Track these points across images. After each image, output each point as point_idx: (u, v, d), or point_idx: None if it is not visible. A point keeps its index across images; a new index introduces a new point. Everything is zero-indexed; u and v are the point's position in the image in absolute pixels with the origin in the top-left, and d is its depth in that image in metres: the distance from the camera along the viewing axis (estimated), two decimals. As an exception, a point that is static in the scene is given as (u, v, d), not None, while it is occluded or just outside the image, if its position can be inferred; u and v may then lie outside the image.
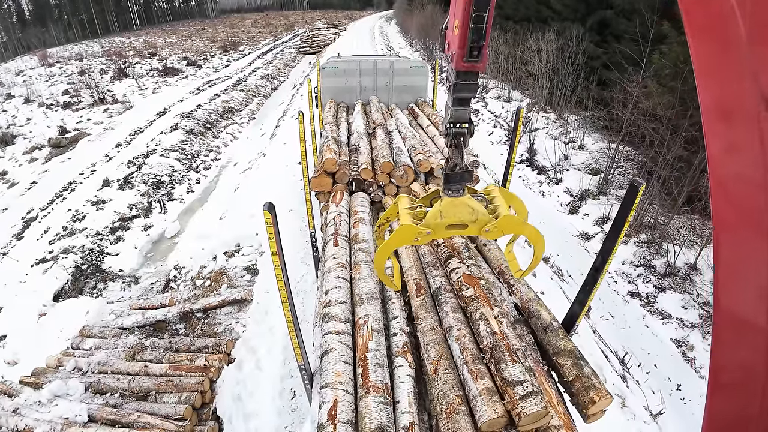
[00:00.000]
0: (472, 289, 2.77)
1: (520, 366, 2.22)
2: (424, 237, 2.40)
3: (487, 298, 2.71)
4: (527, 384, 2.12)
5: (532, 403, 2.06)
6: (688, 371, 6.21)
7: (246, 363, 5.56)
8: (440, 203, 2.37)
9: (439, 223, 2.37)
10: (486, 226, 2.40)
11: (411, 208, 2.56)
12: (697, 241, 7.98)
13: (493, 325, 2.49)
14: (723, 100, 0.85)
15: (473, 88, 2.14)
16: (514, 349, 2.32)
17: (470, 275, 2.92)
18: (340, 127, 5.75)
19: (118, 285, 7.57)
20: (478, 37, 1.89)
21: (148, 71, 25.44)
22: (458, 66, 2.04)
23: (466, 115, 2.25)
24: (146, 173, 11.42)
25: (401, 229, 2.38)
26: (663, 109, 8.17)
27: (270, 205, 1.99)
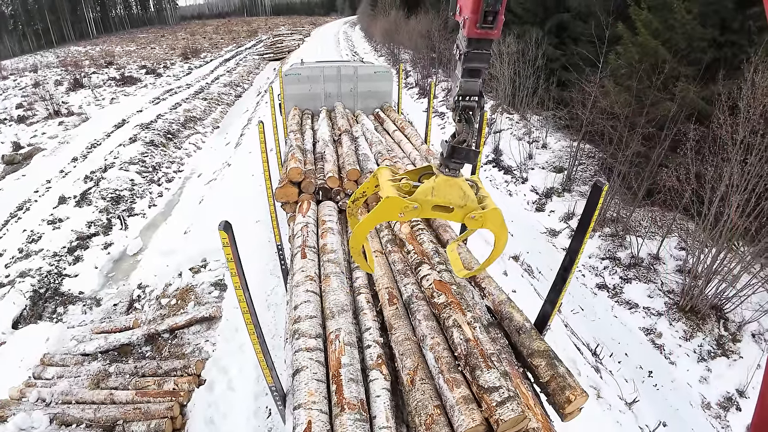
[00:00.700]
0: (444, 296, 2.73)
1: (495, 372, 2.19)
2: (410, 212, 2.19)
3: (459, 303, 2.68)
4: (503, 390, 2.10)
5: (509, 408, 2.03)
6: (658, 357, 6.43)
7: (217, 384, 5.34)
8: (435, 179, 2.20)
9: (428, 200, 2.20)
10: (472, 213, 2.25)
11: (394, 180, 2.36)
12: (658, 232, 8.31)
13: (466, 331, 2.46)
14: None
15: (486, 58, 1.97)
16: (488, 355, 2.30)
17: (441, 281, 2.89)
18: (305, 135, 5.63)
19: (78, 308, 7.16)
20: (494, 1, 1.75)
21: (105, 81, 24.39)
22: (470, 33, 1.86)
23: (477, 88, 2.07)
24: (105, 188, 10.88)
25: (386, 201, 2.17)
26: (620, 108, 8.49)
27: (226, 224, 1.87)
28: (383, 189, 2.28)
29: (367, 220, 2.28)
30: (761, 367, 5.89)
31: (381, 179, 2.39)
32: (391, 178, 2.38)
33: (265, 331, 5.90)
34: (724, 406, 5.71)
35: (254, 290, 6.82)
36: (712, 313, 6.72)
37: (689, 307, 6.79)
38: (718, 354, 6.30)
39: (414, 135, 5.59)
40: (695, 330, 6.62)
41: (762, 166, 5.76)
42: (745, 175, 5.88)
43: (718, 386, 5.93)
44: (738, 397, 5.78)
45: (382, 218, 2.28)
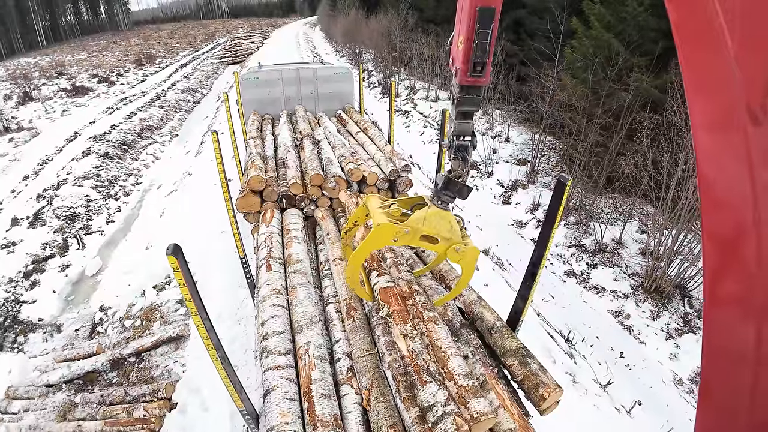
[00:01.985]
0: (387, 306, 2.61)
1: (432, 386, 2.12)
2: (403, 237, 2.29)
3: (404, 313, 2.56)
4: (437, 408, 2.03)
5: (442, 430, 1.96)
6: (628, 338, 6.65)
7: (190, 406, 5.13)
8: (428, 209, 2.32)
9: (419, 228, 2.30)
10: (456, 245, 2.38)
11: (383, 207, 2.44)
12: (619, 217, 8.61)
13: (401, 347, 2.38)
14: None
15: (476, 102, 2.18)
16: (424, 368, 2.22)
17: (387, 289, 2.73)
18: (266, 141, 5.45)
19: (39, 336, 6.76)
20: (482, 53, 1.95)
21: (55, 92, 23.08)
22: (462, 81, 2.08)
23: (470, 129, 2.27)
24: (58, 206, 10.29)
25: (379, 229, 2.24)
26: (578, 100, 8.73)
27: (174, 247, 1.73)
28: (375, 217, 2.35)
29: (361, 249, 2.34)
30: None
31: (371, 207, 2.45)
32: (381, 205, 2.46)
33: (237, 345, 5.74)
34: (695, 381, 5.95)
35: (223, 303, 6.62)
36: (676, 291, 7.01)
37: (654, 287, 7.06)
38: (685, 331, 6.57)
39: (377, 136, 5.52)
40: (661, 309, 6.88)
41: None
42: (699, 159, 6.12)
43: (688, 362, 6.18)
44: (707, 372, 6.03)
45: (376, 245, 2.35)
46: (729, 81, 0.75)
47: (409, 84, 18.80)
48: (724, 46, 0.74)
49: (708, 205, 0.87)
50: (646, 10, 8.01)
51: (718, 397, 0.91)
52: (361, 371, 2.48)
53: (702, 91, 0.84)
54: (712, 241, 0.89)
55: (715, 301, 0.89)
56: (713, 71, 0.79)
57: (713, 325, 0.90)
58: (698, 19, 0.80)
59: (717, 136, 0.83)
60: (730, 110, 0.77)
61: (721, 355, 0.89)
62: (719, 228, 0.86)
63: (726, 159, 0.80)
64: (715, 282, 0.89)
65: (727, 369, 0.88)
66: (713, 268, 0.88)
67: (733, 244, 0.84)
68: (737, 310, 0.84)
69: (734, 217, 0.81)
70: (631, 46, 8.23)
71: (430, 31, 17.73)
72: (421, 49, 17.90)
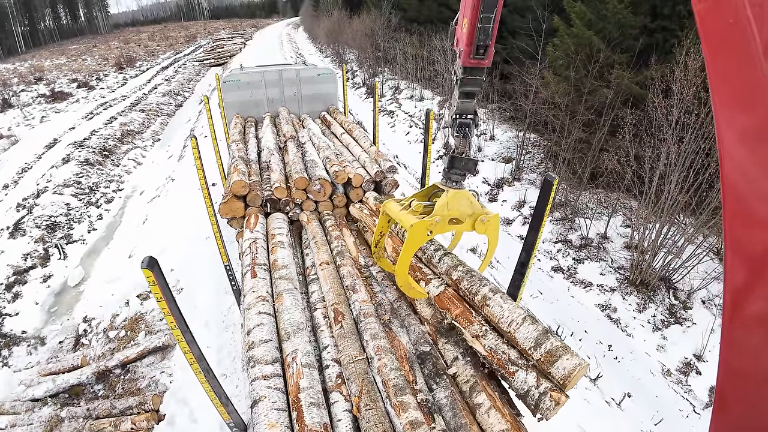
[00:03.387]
0: (448, 313, 2.74)
1: (520, 373, 2.24)
2: (435, 228, 2.37)
3: (467, 313, 2.65)
4: (533, 392, 2.16)
5: (544, 409, 2.11)
6: (615, 331, 6.72)
7: (178, 417, 5.02)
8: (447, 195, 2.38)
9: (446, 214, 2.38)
10: (481, 217, 2.47)
11: (404, 208, 2.51)
12: (604, 212, 8.71)
13: (479, 349, 2.47)
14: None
15: (479, 83, 2.26)
16: (507, 360, 2.34)
17: (440, 295, 2.84)
18: (249, 144, 5.36)
19: (23, 349, 6.59)
20: (485, 37, 2.02)
21: (34, 98, 22.49)
22: (465, 62, 2.14)
23: (472, 107, 2.37)
24: (39, 215, 10.04)
25: (413, 229, 2.31)
26: (560, 97, 8.81)
27: (150, 260, 1.67)
28: (402, 220, 2.42)
29: (403, 255, 2.39)
30: (715, 331, 6.27)
31: (393, 213, 2.54)
32: (402, 207, 2.52)
33: (225, 354, 5.64)
34: (683, 371, 6.03)
35: (210, 311, 6.51)
36: (661, 284, 7.11)
37: (639, 280, 7.15)
38: (672, 322, 6.66)
39: (362, 137, 5.48)
40: (647, 301, 6.97)
41: (697, 143, 6.11)
42: (681, 153, 6.22)
43: (675, 353, 6.27)
44: (696, 362, 6.12)
45: (416, 245, 2.41)
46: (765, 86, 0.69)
47: (393, 84, 18.78)
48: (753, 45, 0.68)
49: (735, 219, 0.80)
50: (626, 8, 8.12)
51: (735, 415, 0.87)
52: (351, 377, 2.44)
53: (734, 98, 0.77)
54: (738, 257, 0.82)
55: (737, 320, 0.83)
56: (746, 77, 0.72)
57: (734, 345, 0.85)
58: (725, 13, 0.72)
59: (751, 147, 0.76)
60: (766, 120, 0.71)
61: (741, 375, 0.84)
62: (747, 243, 0.80)
63: (760, 172, 0.74)
64: (739, 300, 0.82)
65: (747, 389, 0.84)
66: (737, 285, 0.82)
67: (763, 262, 0.77)
68: (763, 331, 0.79)
69: (766, 233, 0.75)
70: (612, 43, 8.33)
71: (414, 30, 17.73)
72: (404, 49, 17.90)
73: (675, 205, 6.49)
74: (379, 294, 3.17)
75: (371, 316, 2.77)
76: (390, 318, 2.93)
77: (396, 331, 2.83)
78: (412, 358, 2.67)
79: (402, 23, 19.95)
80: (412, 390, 2.40)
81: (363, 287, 3.06)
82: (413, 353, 2.71)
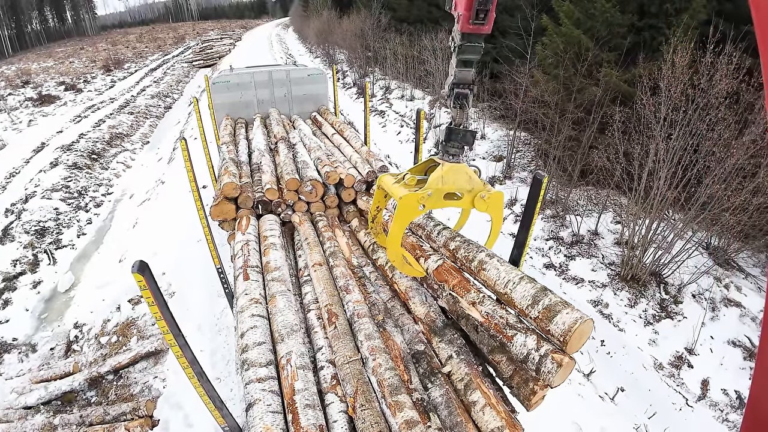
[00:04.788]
0: (446, 285, 2.69)
1: (518, 336, 2.20)
2: (428, 202, 2.26)
3: (464, 282, 2.63)
4: (533, 355, 2.11)
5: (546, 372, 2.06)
6: (608, 327, 6.78)
7: (173, 422, 4.99)
8: (442, 168, 2.28)
9: (440, 188, 2.27)
10: (481, 192, 2.36)
11: (398, 181, 2.42)
12: (594, 209, 8.79)
13: (475, 316, 2.45)
14: None
15: (478, 50, 2.13)
16: (504, 324, 2.31)
17: (438, 268, 2.78)
18: (239, 146, 5.33)
19: (14, 356, 6.52)
20: (485, 0, 1.88)
21: (21, 102, 22.17)
22: (464, 28, 2.00)
23: (470, 77, 2.22)
24: (27, 221, 9.93)
25: (402, 202, 2.22)
26: (550, 96, 8.87)
27: (141, 264, 1.65)
28: (394, 192, 2.33)
29: (393, 228, 2.31)
30: (705, 325, 6.36)
31: (387, 186, 2.45)
32: (395, 180, 2.43)
33: (218, 357, 5.61)
34: (675, 365, 6.11)
35: (203, 314, 6.46)
36: (652, 279, 7.19)
37: (630, 276, 7.22)
38: (663, 317, 6.74)
39: (354, 137, 5.47)
40: (638, 297, 7.05)
41: (686, 139, 6.19)
42: (670, 149, 6.30)
43: (667, 347, 6.35)
44: (688, 355, 6.21)
45: (406, 218, 2.33)
46: None
47: (384, 84, 18.78)
48: None
49: None
50: (614, 6, 8.20)
51: None
52: (346, 378, 2.44)
53: None
54: None
55: None
56: None
57: None
58: None
59: None
60: None
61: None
62: None
63: None
64: None
65: None
66: None
67: None
68: None
69: None
70: (600, 41, 8.40)
71: (404, 30, 17.75)
72: (395, 49, 17.90)
73: (664, 201, 6.56)
74: (373, 294, 3.17)
75: (365, 316, 2.76)
76: (384, 318, 2.94)
77: (390, 330, 2.84)
78: (406, 357, 2.67)
79: (392, 23, 19.96)
80: (407, 389, 2.40)
81: (356, 288, 3.05)
82: (408, 353, 2.71)
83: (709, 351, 6.19)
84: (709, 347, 6.23)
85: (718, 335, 6.36)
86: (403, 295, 3.14)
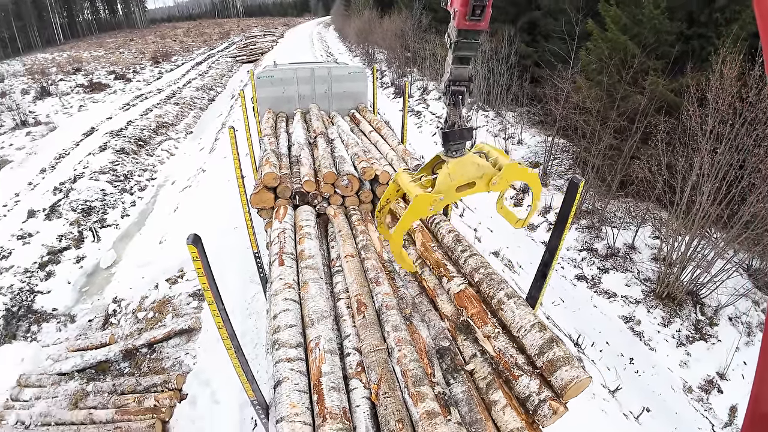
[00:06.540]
0: (465, 311, 2.80)
1: (524, 378, 2.28)
2: (438, 204, 2.28)
3: (482, 313, 2.71)
4: (533, 398, 2.19)
5: (542, 415, 2.14)
6: (638, 344, 6.58)
7: (200, 397, 5.20)
8: (447, 166, 2.28)
9: (450, 185, 2.28)
10: (492, 179, 2.33)
11: (414, 180, 2.44)
12: (632, 222, 8.52)
13: (488, 349, 2.55)
14: None
15: (474, 47, 2.08)
16: (513, 363, 2.37)
17: (459, 293, 2.91)
18: (280, 139, 5.52)
19: (53, 326, 6.93)
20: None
21: (72, 88, 23.56)
22: (460, 24, 1.97)
23: (466, 74, 2.21)
24: (75, 199, 10.52)
25: (416, 201, 2.26)
26: (592, 102, 8.66)
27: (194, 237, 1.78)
28: (409, 190, 2.37)
29: (403, 222, 2.34)
30: (740, 350, 6.08)
31: (403, 183, 2.47)
32: (412, 179, 2.46)
33: (247, 339, 5.82)
34: (705, 389, 5.88)
35: (235, 298, 6.71)
36: (688, 298, 6.92)
37: (666, 293, 6.97)
38: (697, 338, 6.48)
39: (390, 135, 5.55)
40: (673, 316, 6.80)
41: (732, 154, 5.94)
42: (715, 164, 6.05)
43: (698, 370, 6.11)
44: (719, 380, 5.95)
45: (416, 216, 2.35)
46: None
47: (422, 84, 18.79)
48: None
49: None
50: (663, 13, 7.93)
51: None
52: (371, 366, 2.50)
53: None
54: None
55: None
56: None
57: None
58: None
59: None
60: None
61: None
62: None
63: None
64: None
65: None
66: None
67: None
68: None
69: None
70: (647, 48, 8.14)
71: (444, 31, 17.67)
72: (434, 50, 17.87)
73: (706, 218, 6.30)
74: (402, 288, 3.23)
75: (393, 308, 2.83)
76: (411, 312, 2.99)
77: (416, 324, 2.89)
78: (431, 351, 2.72)
79: (432, 24, 19.93)
80: (430, 382, 2.45)
81: (386, 281, 3.12)
82: (432, 347, 2.76)
83: (741, 377, 5.91)
84: (741, 373, 5.95)
85: (752, 361, 6.06)
86: (431, 292, 3.19)
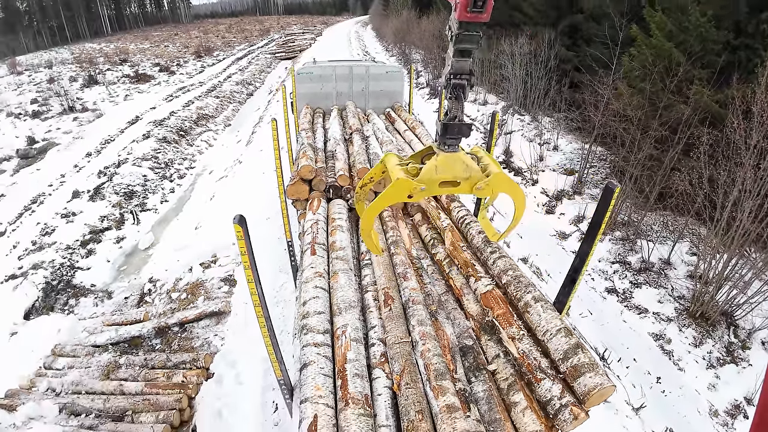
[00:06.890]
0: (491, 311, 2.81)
1: (546, 381, 2.29)
2: (418, 193, 2.29)
3: (508, 315, 2.76)
4: (554, 401, 2.19)
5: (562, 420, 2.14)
6: (667, 364, 6.36)
7: (226, 377, 5.41)
8: (436, 158, 2.27)
9: (434, 178, 2.27)
10: (478, 183, 2.32)
11: (402, 164, 2.43)
12: (669, 236, 8.22)
13: (512, 350, 2.56)
14: None
15: (475, 40, 2.07)
16: (536, 366, 2.37)
17: (487, 293, 2.94)
18: (317, 134, 5.68)
19: (90, 300, 7.29)
20: None
21: (119, 78, 24.78)
22: (461, 16, 1.94)
23: (467, 67, 2.18)
24: (118, 183, 11.06)
25: (396, 184, 2.25)
26: (633, 110, 8.40)
27: (240, 218, 1.91)
28: (393, 172, 2.34)
29: (377, 202, 2.33)
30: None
31: (389, 164, 2.44)
32: (399, 162, 2.44)
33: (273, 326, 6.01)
34: (731, 413, 5.64)
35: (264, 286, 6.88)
36: (722, 319, 6.63)
37: (699, 313, 6.71)
38: (727, 361, 6.22)
39: (425, 135, 5.61)
40: (705, 336, 6.54)
41: (775, 170, 5.67)
42: (758, 180, 5.79)
43: (726, 393, 5.86)
44: (746, 405, 5.70)
45: (393, 200, 2.33)
46: None
47: (457, 86, 18.66)
48: None
49: None
50: (709, 21, 7.62)
51: None
52: (394, 357, 2.57)
53: None
54: None
55: None
56: None
57: None
58: None
59: None
60: None
61: None
62: None
63: None
64: None
65: None
66: None
67: None
68: None
69: None
70: (693, 57, 7.83)
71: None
72: (471, 52, 17.73)
73: (746, 236, 6.03)
74: (428, 285, 3.29)
75: (419, 303, 2.89)
76: (437, 309, 3.05)
77: (441, 321, 2.94)
78: (454, 348, 2.76)
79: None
80: (451, 378, 2.49)
81: (414, 276, 3.19)
82: (456, 345, 2.80)
83: None
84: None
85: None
86: (458, 291, 3.23)
